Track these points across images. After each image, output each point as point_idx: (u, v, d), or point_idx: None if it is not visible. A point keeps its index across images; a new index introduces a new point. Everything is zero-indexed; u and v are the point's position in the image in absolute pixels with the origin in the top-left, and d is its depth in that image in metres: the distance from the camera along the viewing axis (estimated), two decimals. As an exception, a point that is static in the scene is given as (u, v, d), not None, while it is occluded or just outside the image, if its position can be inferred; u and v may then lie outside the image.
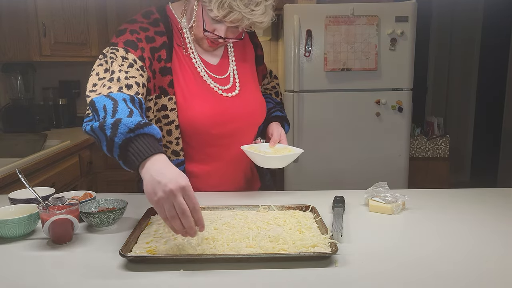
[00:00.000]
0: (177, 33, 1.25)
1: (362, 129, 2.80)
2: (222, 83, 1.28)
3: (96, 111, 0.97)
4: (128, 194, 1.27)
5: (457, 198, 1.25)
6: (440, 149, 3.46)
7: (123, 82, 1.04)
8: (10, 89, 2.81)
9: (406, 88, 2.78)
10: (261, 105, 1.35)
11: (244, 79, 1.32)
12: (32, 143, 2.18)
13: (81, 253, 0.89)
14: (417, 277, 0.77)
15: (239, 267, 0.80)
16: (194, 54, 1.25)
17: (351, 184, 2.68)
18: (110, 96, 0.98)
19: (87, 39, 2.80)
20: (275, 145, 1.31)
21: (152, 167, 0.85)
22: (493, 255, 0.86)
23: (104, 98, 0.98)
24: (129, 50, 1.12)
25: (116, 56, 1.10)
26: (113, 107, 0.96)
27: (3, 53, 2.52)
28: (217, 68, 1.29)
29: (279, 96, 1.53)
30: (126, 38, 1.14)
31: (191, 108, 1.21)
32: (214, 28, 1.18)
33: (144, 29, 1.18)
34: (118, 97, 0.98)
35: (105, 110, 0.95)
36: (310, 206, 1.10)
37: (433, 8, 4.43)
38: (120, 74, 1.06)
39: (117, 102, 0.97)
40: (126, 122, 0.90)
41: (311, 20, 2.68)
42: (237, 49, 1.35)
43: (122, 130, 0.90)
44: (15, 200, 1.08)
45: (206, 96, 1.23)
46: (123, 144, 0.90)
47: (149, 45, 1.17)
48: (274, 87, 1.54)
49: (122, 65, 1.08)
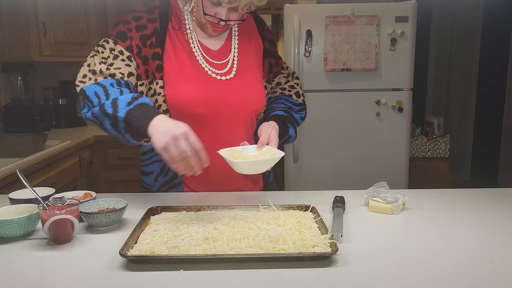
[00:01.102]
0: (175, 18, 1.26)
1: (362, 129, 2.80)
2: (219, 67, 1.27)
3: (88, 98, 1.11)
4: (128, 194, 1.27)
5: (457, 198, 1.25)
6: (440, 149, 3.46)
7: (105, 73, 1.15)
8: (10, 89, 2.81)
9: (406, 88, 2.78)
10: (255, 92, 1.31)
11: (243, 65, 1.30)
12: (32, 143, 2.18)
13: (81, 253, 0.89)
14: (418, 277, 0.77)
15: (239, 267, 0.80)
16: (194, 39, 1.26)
17: (351, 184, 2.68)
18: (99, 83, 1.12)
19: (87, 39, 2.80)
20: (262, 148, 1.19)
21: (157, 124, 0.98)
22: (493, 256, 0.86)
23: (93, 86, 1.12)
24: (117, 42, 1.20)
25: (105, 48, 1.19)
26: (104, 91, 1.10)
27: (3, 53, 2.52)
28: (217, 53, 1.29)
29: (300, 98, 1.43)
30: (118, 30, 1.22)
31: (178, 88, 1.22)
32: (216, 12, 1.18)
33: (137, 18, 1.23)
34: (105, 83, 1.12)
35: (97, 96, 1.09)
36: (310, 206, 1.10)
37: (433, 8, 4.43)
38: (101, 66, 1.16)
39: (106, 87, 1.11)
40: (122, 98, 1.05)
41: (311, 20, 2.68)
42: (242, 37, 1.33)
43: (121, 105, 1.03)
44: (15, 200, 1.08)
45: (197, 78, 1.23)
46: (126, 116, 1.02)
47: (139, 33, 1.21)
48: (292, 86, 1.44)
49: (108, 56, 1.18)
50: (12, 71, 2.77)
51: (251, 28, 1.37)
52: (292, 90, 1.44)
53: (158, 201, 1.19)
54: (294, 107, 1.40)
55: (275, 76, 1.42)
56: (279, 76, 1.44)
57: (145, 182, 1.36)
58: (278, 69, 1.43)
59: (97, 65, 1.16)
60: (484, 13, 4.34)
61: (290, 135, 1.35)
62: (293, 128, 1.35)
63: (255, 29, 1.37)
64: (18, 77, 2.78)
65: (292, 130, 1.35)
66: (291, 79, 1.46)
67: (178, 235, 0.92)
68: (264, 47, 1.38)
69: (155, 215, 1.06)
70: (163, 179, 1.32)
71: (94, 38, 2.82)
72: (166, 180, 1.32)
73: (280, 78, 1.44)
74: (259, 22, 1.39)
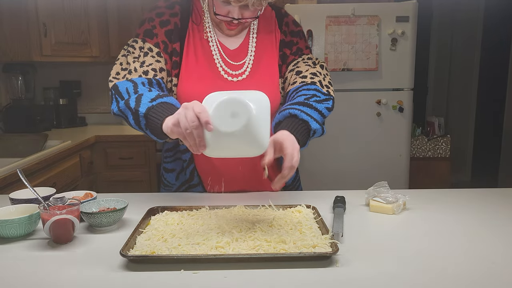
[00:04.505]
0: (196, 14, 1.27)
1: (362, 129, 2.80)
2: (234, 68, 1.26)
3: (120, 93, 1.12)
4: (129, 194, 1.27)
5: (458, 198, 1.25)
6: (441, 149, 3.46)
7: (139, 71, 1.17)
8: (11, 89, 2.81)
9: (407, 88, 2.78)
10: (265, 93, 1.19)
11: (258, 66, 1.27)
12: (33, 143, 2.18)
13: (81, 253, 0.89)
14: (418, 277, 0.77)
15: (239, 267, 0.80)
16: (213, 38, 1.26)
17: (351, 184, 2.68)
18: (131, 80, 1.14)
19: (87, 39, 2.80)
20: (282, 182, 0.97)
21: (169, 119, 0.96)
22: (494, 256, 0.86)
23: (125, 82, 1.14)
24: (146, 40, 1.22)
25: (135, 48, 1.21)
26: (133, 88, 1.12)
27: (4, 53, 2.53)
28: (234, 52, 1.27)
29: (324, 88, 1.24)
30: (145, 28, 1.23)
31: (186, 87, 1.22)
32: (228, 11, 1.16)
33: (160, 14, 1.24)
34: (137, 81, 1.14)
35: (128, 92, 1.11)
36: (311, 206, 1.10)
37: (434, 8, 4.43)
38: (135, 64, 1.18)
39: (137, 84, 1.13)
40: (147, 95, 1.06)
41: (311, 20, 2.68)
42: (261, 34, 1.29)
43: (144, 101, 1.05)
44: (16, 200, 1.08)
45: (207, 77, 1.23)
46: (147, 112, 1.02)
47: (163, 29, 1.23)
48: (314, 74, 1.26)
49: (139, 55, 1.20)
50: (12, 71, 2.77)
51: (272, 24, 1.32)
52: (315, 77, 1.25)
53: (159, 201, 1.19)
54: (318, 94, 1.20)
55: (288, 65, 1.30)
56: (296, 63, 1.29)
57: (166, 179, 1.38)
58: (294, 57, 1.30)
59: (130, 64, 1.18)
60: (485, 13, 4.33)
61: (314, 129, 1.11)
62: (314, 121, 1.11)
63: (275, 24, 1.32)
64: (18, 77, 2.78)
65: (314, 124, 1.11)
66: (313, 66, 1.30)
67: (178, 235, 0.92)
68: (280, 38, 1.31)
69: (155, 215, 1.06)
70: (184, 176, 1.33)
71: (95, 38, 2.83)
72: (185, 179, 1.33)
73: (299, 65, 1.29)
74: (280, 16, 1.33)
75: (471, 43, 4.42)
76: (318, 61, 1.35)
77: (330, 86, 1.28)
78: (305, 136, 1.10)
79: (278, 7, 1.35)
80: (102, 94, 3.27)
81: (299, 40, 1.33)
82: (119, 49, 3.04)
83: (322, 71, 1.30)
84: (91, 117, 3.26)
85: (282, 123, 1.10)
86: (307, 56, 1.32)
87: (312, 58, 1.34)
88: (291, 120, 1.10)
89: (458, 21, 4.43)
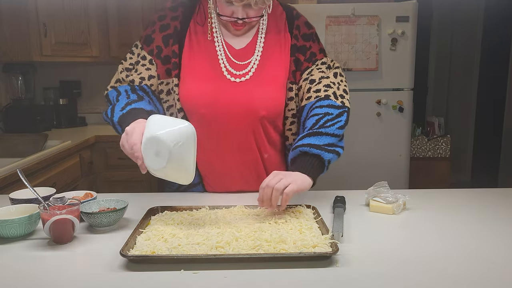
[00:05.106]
0: (201, 14, 1.27)
1: (362, 129, 2.80)
2: (238, 68, 1.24)
3: (109, 101, 1.25)
4: (129, 194, 1.27)
5: (458, 198, 1.25)
6: (441, 149, 3.46)
7: (126, 80, 1.25)
8: (11, 89, 2.81)
9: (407, 88, 2.78)
10: (266, 97, 1.22)
11: (264, 67, 1.24)
12: (33, 143, 2.18)
13: (81, 253, 0.89)
14: (418, 277, 0.77)
15: (239, 267, 0.80)
16: (219, 38, 1.25)
17: (351, 184, 2.67)
18: (116, 88, 1.25)
19: (87, 39, 2.80)
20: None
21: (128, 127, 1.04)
22: (494, 256, 0.86)
23: (112, 91, 1.25)
24: (143, 47, 1.27)
25: (133, 54, 1.28)
26: (116, 96, 1.22)
27: (4, 53, 2.52)
28: (240, 52, 1.25)
29: (338, 100, 1.23)
30: (146, 33, 1.28)
31: (187, 87, 1.23)
32: (232, 11, 1.16)
33: (161, 17, 1.27)
34: (121, 89, 1.23)
35: (111, 101, 1.23)
36: (311, 206, 1.09)
37: (434, 8, 4.43)
38: (121, 74, 1.26)
39: (120, 92, 1.22)
40: (119, 104, 1.17)
41: (311, 20, 2.63)
42: (270, 34, 1.27)
43: (116, 110, 1.16)
44: (16, 200, 1.08)
45: (209, 78, 1.22)
46: (119, 120, 1.13)
47: (162, 34, 1.25)
48: (328, 86, 1.24)
49: (133, 63, 1.27)
50: (12, 71, 2.77)
51: (281, 25, 1.29)
52: (329, 90, 1.23)
53: (159, 201, 1.19)
54: (331, 111, 1.20)
55: (303, 72, 1.27)
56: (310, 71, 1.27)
57: None
58: (308, 64, 1.27)
59: (120, 73, 1.27)
60: (485, 13, 4.33)
61: (327, 159, 1.13)
62: (326, 151, 1.13)
63: (285, 25, 1.29)
64: (18, 77, 2.78)
65: (326, 155, 1.12)
66: (328, 75, 1.27)
67: (178, 235, 0.92)
68: (291, 43, 1.27)
69: (155, 215, 1.06)
70: None
71: (95, 38, 2.82)
72: None
73: (313, 73, 1.26)
74: (291, 18, 1.30)
75: (471, 43, 4.42)
76: (334, 64, 1.32)
77: (345, 95, 1.26)
78: (320, 169, 1.13)
79: (290, 8, 1.33)
80: (102, 94, 3.25)
81: (312, 43, 1.30)
82: (119, 49, 3.04)
83: (336, 79, 1.27)
84: (91, 117, 3.26)
85: (296, 162, 1.14)
86: (320, 61, 1.29)
87: (327, 61, 1.30)
88: (303, 158, 1.13)
89: (458, 21, 4.43)
